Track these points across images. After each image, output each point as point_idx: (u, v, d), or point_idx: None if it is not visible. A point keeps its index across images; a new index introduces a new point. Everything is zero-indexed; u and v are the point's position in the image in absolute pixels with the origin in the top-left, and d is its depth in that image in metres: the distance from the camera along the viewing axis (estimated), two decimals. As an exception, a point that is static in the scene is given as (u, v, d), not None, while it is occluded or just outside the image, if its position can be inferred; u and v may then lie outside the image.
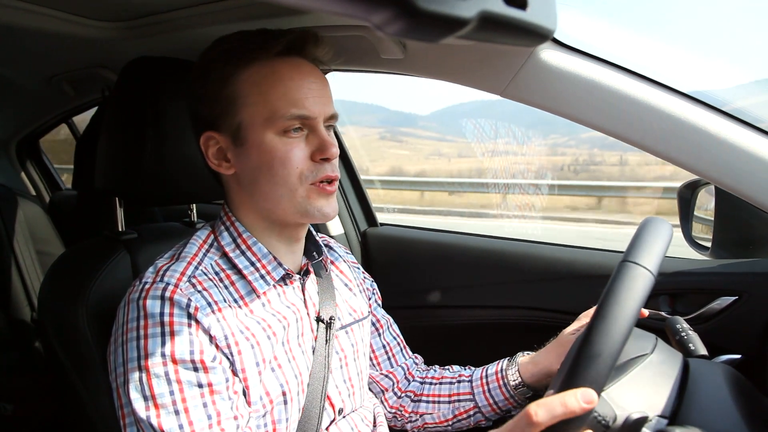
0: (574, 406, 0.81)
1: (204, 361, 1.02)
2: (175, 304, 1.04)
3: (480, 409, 1.39)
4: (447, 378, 1.48)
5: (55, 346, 1.28)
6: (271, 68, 1.13)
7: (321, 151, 1.13)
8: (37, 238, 2.40)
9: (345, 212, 2.30)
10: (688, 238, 1.84)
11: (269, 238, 1.21)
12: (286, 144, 1.12)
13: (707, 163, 1.19)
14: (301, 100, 1.12)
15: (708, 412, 0.93)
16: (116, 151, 1.38)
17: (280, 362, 1.14)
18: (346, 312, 1.35)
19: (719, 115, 1.19)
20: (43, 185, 3.43)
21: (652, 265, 0.86)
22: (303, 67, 1.17)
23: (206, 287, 1.10)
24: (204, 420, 1.01)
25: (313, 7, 0.41)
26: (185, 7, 1.47)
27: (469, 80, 1.41)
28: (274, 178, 1.12)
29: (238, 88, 1.13)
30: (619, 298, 0.84)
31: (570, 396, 0.81)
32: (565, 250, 1.90)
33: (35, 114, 2.86)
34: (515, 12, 0.47)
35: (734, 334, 1.52)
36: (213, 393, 1.03)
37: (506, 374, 1.37)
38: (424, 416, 1.45)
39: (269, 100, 1.11)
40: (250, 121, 1.12)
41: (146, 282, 1.07)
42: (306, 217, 1.16)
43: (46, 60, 2.05)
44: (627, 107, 1.22)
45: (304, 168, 1.12)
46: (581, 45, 1.27)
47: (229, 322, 1.08)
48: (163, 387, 1.00)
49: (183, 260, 1.13)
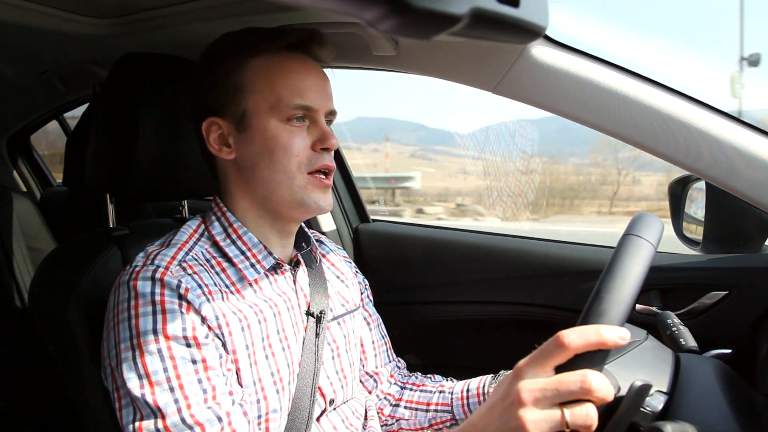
0: (608, 337, 0.78)
1: (197, 338, 1.03)
2: (166, 285, 1.05)
3: (457, 421, 1.38)
4: (428, 387, 1.47)
5: (46, 341, 1.28)
6: (278, 60, 1.18)
7: (321, 141, 1.17)
8: (27, 234, 2.39)
9: (337, 208, 2.30)
10: (678, 233, 1.85)
11: (261, 228, 1.23)
12: (288, 131, 1.16)
13: (698, 158, 1.19)
14: (306, 91, 1.17)
15: (698, 406, 0.94)
16: (106, 147, 1.37)
17: (274, 350, 1.16)
18: (339, 303, 1.36)
19: (709, 111, 1.20)
20: (33, 181, 3.41)
21: (652, 238, 0.88)
22: (307, 62, 1.23)
23: (196, 271, 1.11)
24: (199, 395, 1.01)
25: (305, 4, 0.41)
26: (176, 3, 1.46)
27: (461, 77, 1.41)
28: (274, 164, 1.15)
29: (245, 76, 1.17)
30: (624, 264, 0.85)
31: (605, 328, 0.79)
32: (556, 246, 1.90)
33: (26, 110, 2.84)
34: (507, 9, 0.47)
35: (724, 329, 1.53)
36: (207, 369, 1.03)
37: (487, 392, 1.36)
38: (400, 421, 1.44)
39: (276, 88, 1.16)
40: (255, 107, 1.16)
41: (137, 265, 1.09)
42: (301, 207, 1.18)
43: (37, 56, 2.04)
44: (618, 104, 1.22)
45: (303, 157, 1.16)
46: (573, 42, 1.28)
47: (219, 303, 1.10)
48: (157, 364, 1.00)
49: (173, 246, 1.15)
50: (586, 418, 0.77)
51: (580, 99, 1.25)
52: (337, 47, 1.30)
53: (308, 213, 1.21)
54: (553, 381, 0.78)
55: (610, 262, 0.87)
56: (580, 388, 0.76)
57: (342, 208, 2.32)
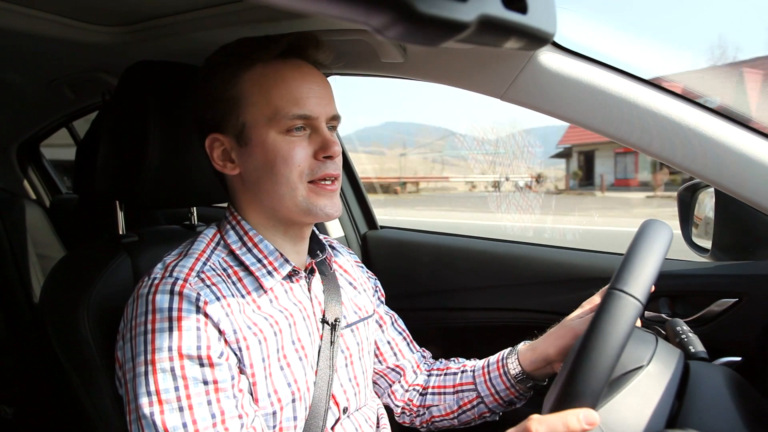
0: (575, 427, 0.81)
1: (211, 357, 1.03)
2: (185, 298, 1.05)
3: (483, 399, 1.39)
4: (451, 369, 1.49)
5: (56, 349, 1.28)
6: (273, 69, 1.16)
7: (323, 150, 1.15)
8: (37, 242, 2.40)
9: (345, 215, 2.31)
10: (688, 240, 1.84)
11: (274, 236, 1.23)
12: (288, 143, 1.14)
13: (707, 165, 1.19)
14: (303, 99, 1.15)
15: (708, 414, 0.93)
16: (116, 154, 1.38)
17: (289, 360, 1.15)
18: (352, 311, 1.36)
19: (719, 118, 1.19)
20: (43, 189, 3.43)
21: (640, 292, 0.85)
22: (304, 68, 1.20)
23: (215, 282, 1.11)
24: (208, 418, 1.01)
25: (313, 11, 0.41)
26: (185, 11, 1.47)
27: (469, 84, 1.41)
28: (276, 176, 1.14)
29: (241, 89, 1.16)
30: (605, 331, 0.83)
31: (572, 415, 0.82)
32: (565, 253, 1.90)
33: (36, 118, 2.86)
34: (515, 16, 0.47)
35: (734, 336, 1.52)
36: (218, 391, 1.03)
37: (506, 363, 1.37)
38: (431, 408, 1.46)
39: (272, 99, 1.14)
40: (254, 121, 1.15)
41: (155, 277, 1.08)
42: (309, 216, 1.18)
43: (46, 64, 2.05)
44: (627, 110, 1.22)
45: (305, 166, 1.15)
46: (581, 48, 1.27)
47: (237, 317, 1.09)
48: (169, 383, 1.00)
49: (191, 256, 1.15)
50: None
51: (589, 106, 1.24)
52: (346, 54, 1.31)
53: (317, 219, 1.20)
54: None
55: (591, 323, 0.86)
56: None
57: (350, 215, 2.32)
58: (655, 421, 0.91)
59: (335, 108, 1.22)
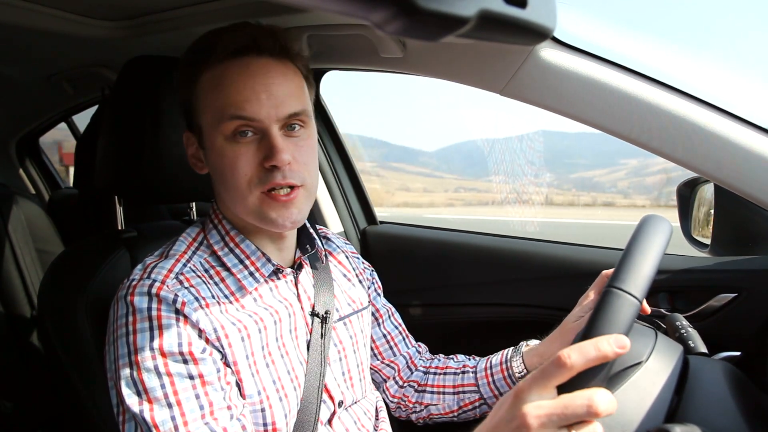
0: (607, 350, 0.77)
1: (193, 353, 1.02)
2: (162, 301, 1.04)
3: (486, 401, 1.39)
4: (451, 368, 1.47)
5: (55, 343, 1.28)
6: (221, 70, 1.09)
7: (268, 158, 1.07)
8: (36, 237, 2.40)
9: (344, 210, 2.30)
10: (687, 235, 1.84)
11: (255, 236, 1.21)
12: (233, 150, 1.08)
13: (706, 160, 1.19)
14: (242, 102, 1.07)
15: (707, 409, 0.94)
16: (116, 149, 1.38)
17: (273, 358, 1.15)
18: (345, 303, 1.35)
19: (719, 113, 1.19)
20: (42, 184, 3.43)
21: (638, 290, 0.84)
22: (253, 66, 1.09)
23: (194, 284, 1.10)
24: (196, 411, 1.01)
25: (313, 6, 0.41)
26: (185, 5, 1.47)
27: (468, 79, 1.41)
28: (226, 183, 1.12)
29: (196, 90, 1.13)
30: (603, 331, 0.81)
31: (603, 340, 0.78)
32: (564, 248, 1.90)
33: (35, 112, 2.86)
34: (515, 11, 0.47)
35: (733, 331, 1.52)
36: (204, 384, 1.03)
37: (511, 365, 1.36)
38: (429, 407, 1.45)
39: (215, 103, 1.09)
40: (206, 125, 1.12)
41: (134, 279, 1.08)
42: (265, 223, 1.13)
43: (46, 59, 2.05)
44: (626, 105, 1.22)
45: (253, 175, 1.09)
46: (581, 43, 1.27)
47: (217, 316, 1.08)
48: (154, 381, 1.00)
49: (171, 258, 1.13)
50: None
51: (589, 101, 1.24)
52: (345, 49, 1.30)
53: (275, 228, 1.14)
54: (559, 405, 0.76)
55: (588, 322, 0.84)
56: (587, 411, 0.74)
57: (349, 210, 2.31)
58: (654, 416, 0.91)
59: (293, 105, 1.10)
